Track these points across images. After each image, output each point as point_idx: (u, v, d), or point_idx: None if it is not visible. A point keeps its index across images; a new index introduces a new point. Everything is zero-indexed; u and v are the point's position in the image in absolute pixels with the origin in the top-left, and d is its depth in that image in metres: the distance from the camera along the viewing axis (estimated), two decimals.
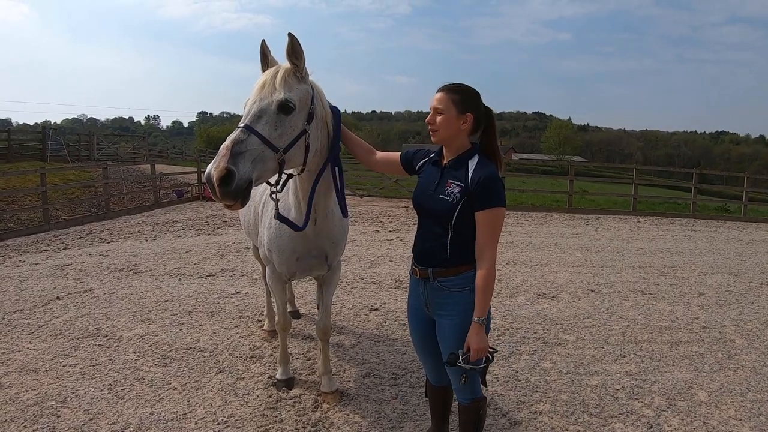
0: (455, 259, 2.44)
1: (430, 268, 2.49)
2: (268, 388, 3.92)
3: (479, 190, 2.35)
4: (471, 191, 2.37)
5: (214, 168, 2.26)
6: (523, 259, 8.48)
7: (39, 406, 3.62)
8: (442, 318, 2.51)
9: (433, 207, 2.45)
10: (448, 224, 2.41)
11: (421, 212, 2.56)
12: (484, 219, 2.37)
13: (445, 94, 2.44)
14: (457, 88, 2.46)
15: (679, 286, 7.10)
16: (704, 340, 5.13)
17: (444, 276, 2.46)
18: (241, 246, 8.99)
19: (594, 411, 3.69)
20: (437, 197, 2.44)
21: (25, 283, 6.74)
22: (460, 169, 2.44)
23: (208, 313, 5.57)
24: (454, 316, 2.45)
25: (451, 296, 2.46)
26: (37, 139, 23.18)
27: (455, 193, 2.40)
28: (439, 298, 2.49)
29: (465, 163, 2.45)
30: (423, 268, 2.52)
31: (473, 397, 2.57)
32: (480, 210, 2.36)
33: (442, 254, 2.45)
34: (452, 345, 2.44)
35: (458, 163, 2.46)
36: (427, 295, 2.54)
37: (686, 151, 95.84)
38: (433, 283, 2.49)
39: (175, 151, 38.42)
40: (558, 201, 16.95)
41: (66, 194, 14.92)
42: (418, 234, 2.59)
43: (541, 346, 4.84)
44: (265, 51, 2.72)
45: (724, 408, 3.79)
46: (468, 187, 2.38)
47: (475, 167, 2.41)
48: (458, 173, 2.43)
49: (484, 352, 2.36)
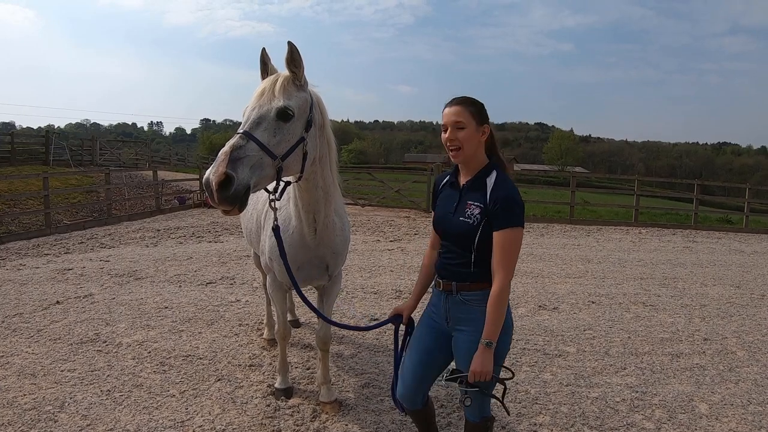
0: (479, 275, 2.39)
1: (454, 282, 2.44)
2: (266, 397, 3.90)
3: (498, 209, 2.29)
4: (490, 211, 2.31)
5: (212, 173, 2.27)
6: (524, 270, 8.46)
7: (37, 410, 3.61)
8: (460, 333, 2.44)
9: (454, 230, 2.39)
10: (470, 245, 2.36)
11: (443, 234, 2.50)
12: (499, 239, 2.30)
13: (462, 107, 2.35)
14: (472, 100, 2.40)
15: (680, 298, 7.08)
16: (705, 352, 5.10)
17: (467, 290, 2.42)
18: (242, 254, 8.99)
19: (594, 423, 3.66)
20: (457, 220, 2.38)
21: (25, 286, 6.74)
22: (479, 190, 2.37)
23: (207, 320, 5.56)
24: (473, 332, 2.37)
25: (473, 311, 2.40)
26: (40, 143, 23.29)
27: (475, 215, 2.34)
28: (461, 312, 2.43)
29: (483, 181, 2.38)
30: (447, 281, 2.47)
31: (482, 415, 2.49)
32: (497, 230, 2.30)
33: (465, 271, 2.41)
34: (466, 362, 2.36)
35: (476, 183, 2.39)
36: (449, 308, 2.47)
37: (688, 162, 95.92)
38: (456, 297, 2.44)
39: (178, 157, 38.48)
40: (559, 212, 16.94)
41: (68, 199, 14.96)
42: (441, 252, 2.53)
43: (541, 357, 4.82)
44: (265, 59, 2.74)
45: (725, 420, 3.77)
46: (487, 207, 2.32)
47: (493, 186, 2.35)
48: (477, 194, 2.37)
49: (485, 375, 2.25)
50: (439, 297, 2.54)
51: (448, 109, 2.38)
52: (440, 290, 2.51)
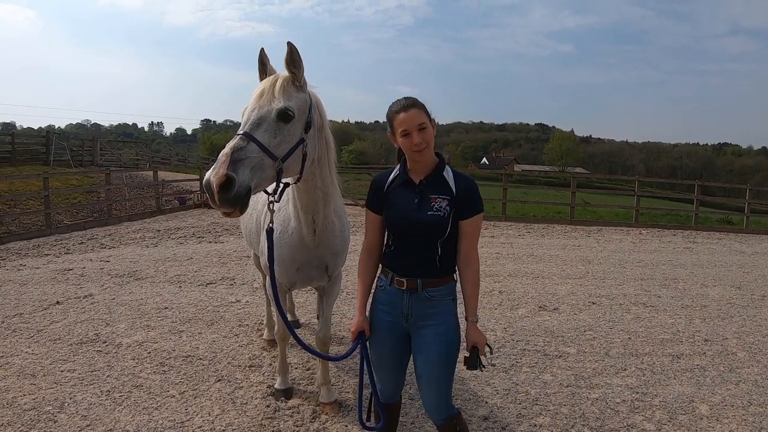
0: (444, 269, 2.44)
1: (419, 279, 2.44)
2: (266, 397, 3.90)
3: (466, 198, 2.38)
4: (458, 200, 2.38)
5: (213, 175, 2.25)
6: (524, 271, 8.46)
7: (36, 410, 3.61)
8: (425, 329, 2.45)
9: (424, 224, 2.37)
10: (440, 239, 2.39)
11: (405, 233, 2.45)
12: (470, 226, 2.41)
13: (417, 108, 2.37)
14: (418, 100, 2.42)
15: (680, 299, 7.07)
16: (706, 353, 5.10)
17: (434, 286, 2.43)
18: (242, 254, 8.99)
19: (594, 424, 3.66)
20: (425, 215, 2.37)
21: (25, 286, 6.74)
22: (440, 184, 2.42)
23: (207, 321, 5.55)
24: (438, 325, 2.43)
25: (437, 306, 2.44)
26: (40, 144, 23.29)
27: (444, 207, 2.37)
28: (425, 308, 2.44)
29: (441, 176, 2.44)
30: (411, 280, 2.45)
31: (448, 414, 2.50)
32: (468, 217, 2.39)
33: (432, 267, 2.42)
34: (435, 353, 2.42)
35: (435, 179, 2.43)
36: (410, 306, 2.46)
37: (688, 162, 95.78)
38: (422, 294, 2.44)
39: (178, 158, 38.50)
40: (560, 212, 16.94)
41: (68, 199, 14.97)
42: (399, 252, 2.48)
43: (541, 358, 4.82)
44: (263, 59, 2.72)
45: (725, 422, 3.76)
46: (455, 197, 2.39)
47: (454, 178, 2.44)
48: (439, 188, 2.41)
49: (484, 343, 2.42)
50: (395, 296, 2.50)
51: (404, 114, 2.35)
52: (401, 289, 2.47)
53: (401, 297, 2.47)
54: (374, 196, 2.57)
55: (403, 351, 2.56)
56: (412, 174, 2.48)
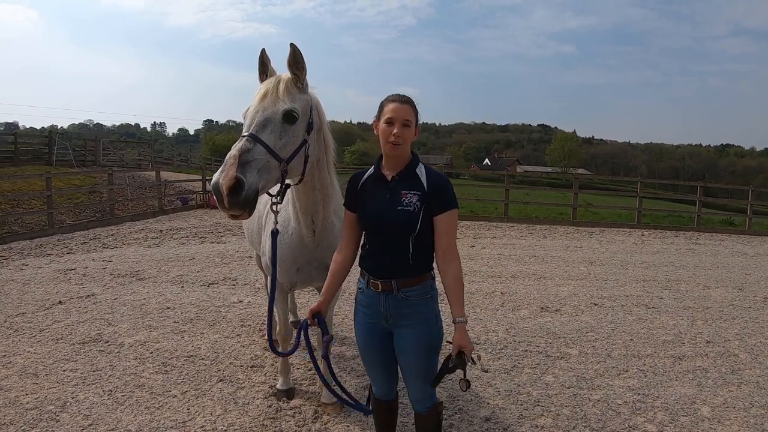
0: (418, 268, 2.43)
1: (393, 280, 2.43)
2: (268, 397, 3.90)
3: (438, 193, 2.38)
4: (429, 196, 2.37)
5: (222, 177, 2.23)
6: (526, 272, 8.45)
7: (38, 410, 3.62)
8: (404, 329, 2.46)
9: (393, 220, 2.37)
10: (410, 235, 2.38)
11: (377, 229, 2.45)
12: (446, 221, 2.39)
13: (410, 106, 2.39)
14: (413, 101, 2.43)
15: (682, 300, 7.06)
16: (708, 354, 5.09)
17: (409, 286, 2.43)
18: (244, 255, 9.01)
19: (596, 426, 3.65)
20: (396, 210, 2.37)
21: (27, 286, 6.76)
22: (412, 180, 2.42)
23: (209, 321, 5.56)
24: (416, 325, 2.44)
25: (414, 306, 2.44)
26: (43, 144, 23.30)
27: (414, 203, 2.37)
28: (403, 308, 2.44)
29: (414, 172, 2.43)
30: (386, 281, 2.44)
31: (432, 403, 2.57)
32: (441, 213, 2.38)
33: (405, 266, 2.41)
34: (416, 354, 2.45)
35: (407, 175, 2.43)
36: (388, 307, 2.46)
37: (691, 164, 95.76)
38: (398, 295, 2.43)
39: (181, 158, 38.59)
40: (562, 214, 16.91)
41: (71, 199, 14.99)
42: (372, 250, 2.49)
43: (543, 359, 4.81)
44: (264, 60, 2.71)
45: (727, 423, 3.75)
46: (426, 193, 2.38)
47: (427, 175, 2.43)
48: (411, 184, 2.41)
49: (470, 348, 2.34)
50: (373, 298, 2.50)
51: (398, 105, 2.37)
52: (377, 291, 2.46)
53: (378, 299, 2.48)
54: (349, 195, 2.57)
55: (388, 350, 2.57)
56: (386, 170, 2.48)
